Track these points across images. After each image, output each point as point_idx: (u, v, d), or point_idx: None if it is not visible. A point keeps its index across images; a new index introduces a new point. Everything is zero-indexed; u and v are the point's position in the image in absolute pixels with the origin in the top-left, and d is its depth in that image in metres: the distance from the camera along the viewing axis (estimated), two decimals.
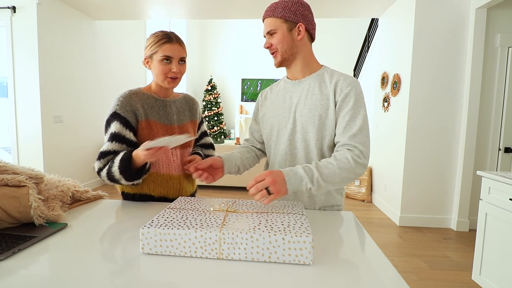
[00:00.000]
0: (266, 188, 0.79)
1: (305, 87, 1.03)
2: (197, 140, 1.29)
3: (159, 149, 0.92)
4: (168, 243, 0.64)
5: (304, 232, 0.63)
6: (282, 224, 0.68)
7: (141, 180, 1.04)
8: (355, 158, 0.89)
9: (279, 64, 1.03)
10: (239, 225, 0.67)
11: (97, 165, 1.02)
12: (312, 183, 0.84)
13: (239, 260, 0.63)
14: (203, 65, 8.08)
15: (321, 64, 1.07)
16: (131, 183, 1.02)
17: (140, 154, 0.94)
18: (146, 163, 1.03)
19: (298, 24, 0.98)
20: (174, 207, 0.81)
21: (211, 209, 0.80)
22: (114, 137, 1.01)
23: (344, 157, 0.89)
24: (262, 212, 0.77)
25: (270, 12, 0.99)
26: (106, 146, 1.02)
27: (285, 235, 0.62)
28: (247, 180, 1.04)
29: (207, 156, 1.24)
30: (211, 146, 1.31)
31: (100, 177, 1.03)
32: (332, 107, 0.97)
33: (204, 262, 0.63)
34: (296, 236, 0.61)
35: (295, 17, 0.97)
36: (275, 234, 0.62)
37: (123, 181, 1.00)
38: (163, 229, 0.64)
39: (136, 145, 1.04)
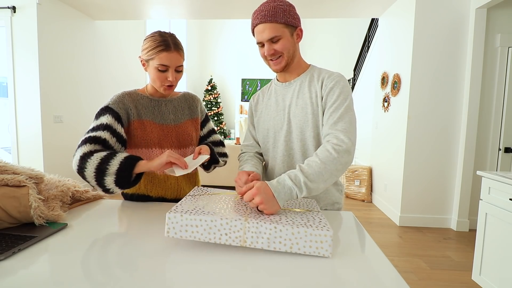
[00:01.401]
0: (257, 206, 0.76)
1: (296, 88, 1.04)
2: (205, 138, 1.26)
3: (172, 163, 0.93)
4: (194, 228, 0.67)
5: (324, 226, 0.67)
6: (302, 220, 0.72)
7: (119, 191, 0.95)
8: (336, 147, 0.86)
9: (282, 69, 1.01)
10: (261, 218, 0.70)
11: (85, 148, 0.91)
12: (300, 189, 0.80)
13: (261, 249, 0.67)
14: (203, 65, 8.08)
15: (309, 63, 1.08)
16: (112, 187, 0.92)
17: (153, 163, 0.92)
18: (139, 177, 0.98)
19: (298, 28, 0.99)
20: (194, 194, 0.86)
21: (236, 199, 0.84)
22: (106, 128, 0.96)
23: (325, 150, 0.87)
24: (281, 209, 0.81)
25: (270, 18, 0.93)
26: (98, 133, 0.94)
27: (307, 228, 0.66)
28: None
29: (219, 153, 1.22)
30: (220, 144, 1.27)
31: (82, 163, 0.89)
32: (320, 103, 0.98)
33: (227, 249, 0.67)
34: (317, 229, 0.65)
35: (295, 21, 0.96)
36: (297, 227, 0.66)
37: (109, 179, 0.90)
38: (189, 214, 0.67)
39: (125, 142, 1.02)
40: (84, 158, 0.90)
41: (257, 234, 0.66)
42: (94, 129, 0.97)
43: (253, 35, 1.00)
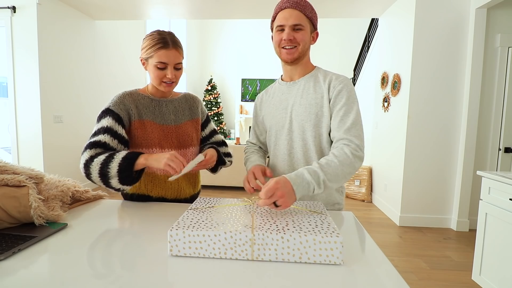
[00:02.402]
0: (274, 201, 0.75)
1: (300, 87, 1.05)
2: (207, 139, 1.27)
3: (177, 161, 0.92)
4: (197, 244, 0.64)
5: (333, 232, 0.64)
6: (310, 225, 0.68)
7: (129, 188, 0.99)
8: (353, 152, 0.89)
9: (293, 60, 1.01)
10: (268, 225, 0.67)
11: (86, 154, 0.94)
12: (319, 186, 0.82)
13: (269, 261, 0.63)
14: (203, 65, 8.08)
15: (314, 65, 1.09)
16: (120, 186, 0.95)
17: (152, 164, 0.92)
18: (143, 170, 1.00)
19: (316, 31, 1.03)
20: (196, 207, 0.81)
21: (239, 200, 0.81)
22: (107, 131, 0.98)
23: (343, 152, 0.89)
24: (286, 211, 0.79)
25: (301, 7, 0.96)
26: (98, 137, 0.97)
27: (316, 235, 0.62)
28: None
29: (223, 153, 1.23)
30: (223, 144, 1.28)
31: (86, 170, 0.93)
32: (326, 105, 0.99)
33: (234, 264, 0.62)
34: (326, 236, 0.62)
35: (316, 23, 1.01)
36: (305, 235, 0.62)
37: (114, 181, 0.93)
38: (192, 230, 0.64)
39: (127, 143, 1.03)
40: (87, 165, 0.93)
41: (264, 246, 0.63)
42: (95, 133, 0.99)
43: (272, 21, 1.03)
